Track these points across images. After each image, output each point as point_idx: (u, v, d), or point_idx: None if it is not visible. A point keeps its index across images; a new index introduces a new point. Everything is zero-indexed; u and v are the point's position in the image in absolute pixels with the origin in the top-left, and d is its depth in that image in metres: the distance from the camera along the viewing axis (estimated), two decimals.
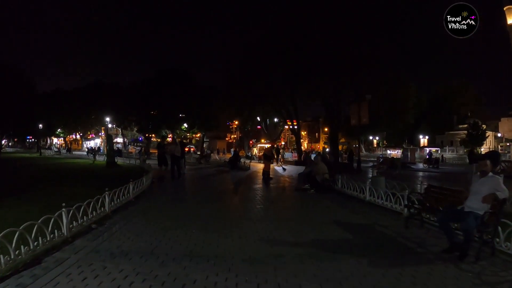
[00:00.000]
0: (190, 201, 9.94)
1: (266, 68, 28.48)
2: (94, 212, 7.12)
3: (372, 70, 25.73)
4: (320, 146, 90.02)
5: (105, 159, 26.29)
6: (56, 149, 50.95)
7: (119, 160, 29.12)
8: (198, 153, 42.22)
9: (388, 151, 49.62)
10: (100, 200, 7.48)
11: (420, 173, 26.12)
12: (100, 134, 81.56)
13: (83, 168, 22.66)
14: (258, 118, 41.99)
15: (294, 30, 26.16)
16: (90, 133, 75.85)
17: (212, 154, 36.82)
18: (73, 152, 49.28)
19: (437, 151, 49.29)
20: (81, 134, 74.82)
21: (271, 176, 16.58)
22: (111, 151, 25.92)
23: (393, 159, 31.30)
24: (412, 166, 32.63)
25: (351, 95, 28.88)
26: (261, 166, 22.69)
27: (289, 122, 34.63)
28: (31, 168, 22.41)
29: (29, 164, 26.39)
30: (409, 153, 45.06)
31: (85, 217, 6.70)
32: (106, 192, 7.82)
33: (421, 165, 33.85)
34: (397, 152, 46.33)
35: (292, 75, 27.65)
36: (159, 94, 47.30)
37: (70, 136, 78.51)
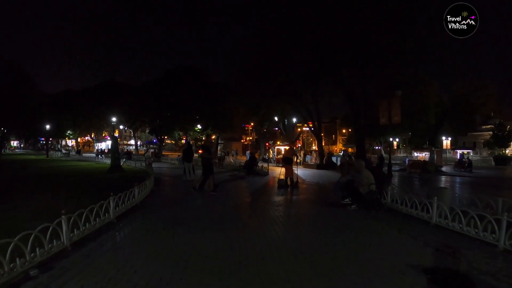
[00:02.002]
0: (192, 225, 7.03)
1: (284, 61, 25.94)
2: (39, 248, 4.64)
3: (401, 61, 23.10)
4: (337, 148, 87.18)
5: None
6: (64, 151, 49.33)
7: (126, 164, 26.97)
8: None
9: (415, 153, 46.14)
10: (51, 229, 4.92)
11: (456, 178, 23.07)
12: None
13: (82, 172, 20.33)
14: (276, 118, 39.25)
15: (315, 19, 23.56)
16: (105, 135, 74.57)
17: (227, 157, 34.15)
18: (83, 154, 47.55)
19: (469, 153, 45.65)
20: (95, 135, 73.63)
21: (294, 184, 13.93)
22: (116, 153, 23.63)
23: (425, 163, 28.22)
24: (443, 170, 29.38)
25: (374, 92, 26.16)
26: (280, 170, 20.02)
27: (311, 123, 31.79)
28: (24, 171, 20.31)
29: (26, 166, 24.38)
30: (435, 155, 42.01)
31: (18, 258, 4.24)
32: (63, 217, 5.27)
33: (447, 168, 30.61)
34: (425, 154, 42.93)
35: (313, 68, 25.01)
36: (171, 93, 45.29)
37: (84, 138, 77.43)
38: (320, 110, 30.35)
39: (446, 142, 68.48)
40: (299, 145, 67.87)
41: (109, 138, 75.81)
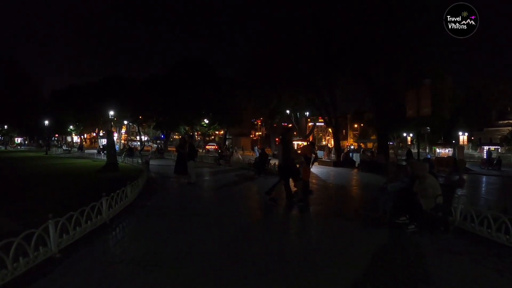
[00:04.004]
0: (170, 272, 4.27)
1: (298, 48, 23.38)
2: None
3: (429, 46, 20.47)
4: (348, 143, 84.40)
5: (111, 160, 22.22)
6: (66, 147, 47.32)
7: (125, 161, 24.68)
8: (220, 151, 37.22)
9: (437, 150, 43.11)
10: None
11: (490, 178, 20.40)
12: (121, 132, 78.53)
13: (73, 171, 17.97)
14: (288, 111, 36.57)
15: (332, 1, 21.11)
16: (113, 131, 72.66)
17: (235, 153, 31.57)
18: (86, 151, 45.53)
19: (496, 149, 42.73)
20: (103, 131, 71.69)
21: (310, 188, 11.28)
22: (112, 150, 21.33)
23: (455, 160, 25.35)
24: (470, 168, 26.54)
25: (390, 84, 23.41)
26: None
27: (326, 117, 28.91)
28: (7, 170, 18.11)
29: (15, 164, 22.34)
30: (456, 152, 39.38)
31: None
32: None
33: (475, 166, 27.79)
34: (448, 150, 40.02)
35: (329, 54, 22.39)
36: (177, 87, 43.01)
37: (91, 134, 75.77)
38: (336, 103, 27.61)
39: (463, 137, 66.07)
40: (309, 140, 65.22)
41: (116, 134, 74.01)
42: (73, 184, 12.48)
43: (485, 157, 33.16)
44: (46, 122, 41.00)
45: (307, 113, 37.27)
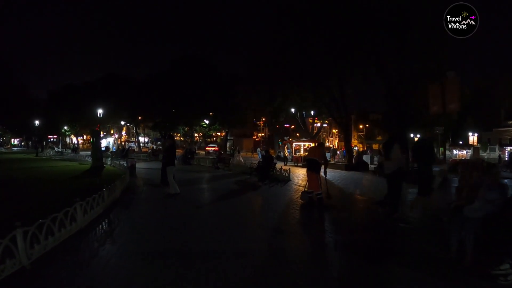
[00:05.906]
0: None
1: (306, 37, 21.24)
2: None
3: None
4: (352, 144, 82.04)
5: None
6: (58, 149, 45.18)
7: (112, 164, 22.40)
8: (221, 152, 34.76)
9: (454, 151, 40.69)
10: None
11: None
12: (121, 133, 76.63)
13: (50, 176, 15.60)
14: (293, 110, 34.14)
15: None
16: (113, 132, 70.76)
17: (236, 155, 29.08)
18: (80, 152, 43.34)
19: None
20: (104, 132, 69.89)
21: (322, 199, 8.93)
22: (97, 152, 19.15)
23: (482, 163, 22.88)
24: None
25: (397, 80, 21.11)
26: (302, 172, 15.10)
27: (336, 115, 26.43)
28: None
29: None
30: (472, 153, 37.36)
31: None
32: None
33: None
34: (466, 152, 37.84)
35: (340, 43, 20.17)
36: (174, 85, 40.94)
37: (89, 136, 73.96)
38: (345, 100, 25.13)
39: (473, 138, 64.12)
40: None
41: (117, 135, 71.96)
42: (33, 194, 10.15)
43: (506, 159, 30.91)
44: (37, 123, 38.96)
45: (314, 112, 34.91)
